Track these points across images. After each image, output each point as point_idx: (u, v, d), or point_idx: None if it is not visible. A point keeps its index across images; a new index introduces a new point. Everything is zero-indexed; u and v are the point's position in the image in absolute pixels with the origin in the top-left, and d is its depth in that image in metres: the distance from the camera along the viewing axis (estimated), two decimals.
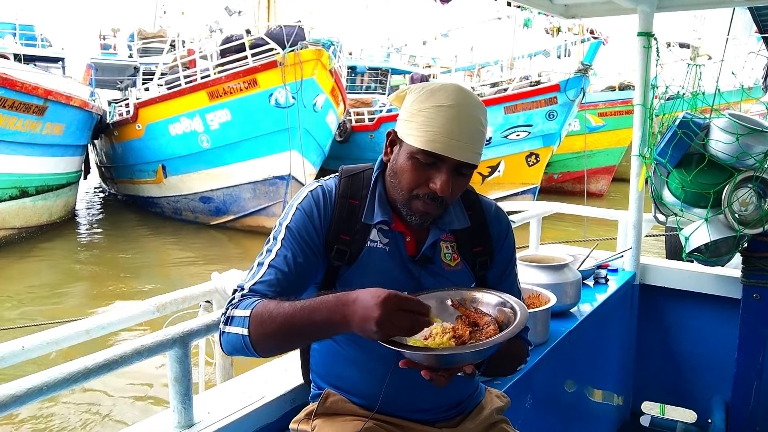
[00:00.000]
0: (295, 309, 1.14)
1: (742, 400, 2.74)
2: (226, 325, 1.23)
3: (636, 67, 2.91)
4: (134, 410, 5.33)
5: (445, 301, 1.26)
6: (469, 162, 1.25)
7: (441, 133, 1.22)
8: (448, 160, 1.23)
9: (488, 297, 1.27)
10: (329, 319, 1.11)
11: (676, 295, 3.03)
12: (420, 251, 1.36)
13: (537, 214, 3.36)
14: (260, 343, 1.19)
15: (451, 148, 1.22)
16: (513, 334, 1.13)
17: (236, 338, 1.20)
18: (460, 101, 1.24)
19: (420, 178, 1.26)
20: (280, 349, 1.25)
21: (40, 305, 8.50)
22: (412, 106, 1.27)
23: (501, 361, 1.37)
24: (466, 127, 1.23)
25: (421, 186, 1.26)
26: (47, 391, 1.15)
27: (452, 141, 1.22)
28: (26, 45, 18.40)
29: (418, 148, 1.24)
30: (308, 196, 1.35)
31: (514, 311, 1.20)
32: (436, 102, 1.24)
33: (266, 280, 1.26)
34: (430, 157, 1.24)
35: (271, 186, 12.96)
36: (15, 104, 11.15)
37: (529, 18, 20.77)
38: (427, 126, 1.23)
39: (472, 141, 1.24)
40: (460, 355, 1.12)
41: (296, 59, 11.82)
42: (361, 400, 1.38)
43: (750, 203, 2.50)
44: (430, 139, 1.22)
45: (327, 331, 1.15)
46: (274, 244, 1.30)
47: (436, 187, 1.24)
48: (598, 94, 19.35)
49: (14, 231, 12.20)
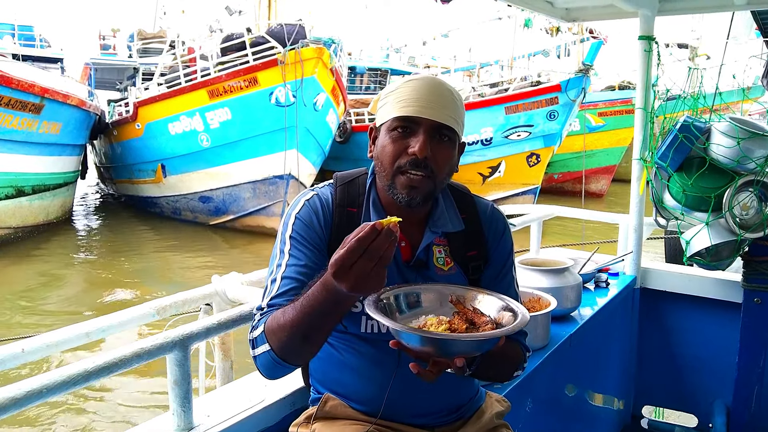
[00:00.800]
0: (296, 311, 1.14)
1: (743, 404, 2.74)
2: (253, 349, 1.24)
3: (637, 70, 2.90)
4: (134, 413, 5.32)
5: (445, 297, 1.24)
6: (444, 122, 1.26)
7: (411, 98, 1.26)
8: (422, 121, 1.25)
9: (490, 299, 1.24)
10: (326, 304, 1.10)
11: (677, 299, 3.02)
12: (414, 256, 1.35)
13: (537, 218, 3.35)
14: (285, 354, 1.20)
15: (423, 110, 1.25)
16: (512, 332, 1.11)
17: (265, 357, 1.22)
18: (429, 76, 1.31)
19: (399, 148, 1.27)
20: (306, 351, 1.24)
21: (35, 307, 8.48)
22: (384, 93, 1.32)
23: (496, 364, 1.35)
24: (436, 92, 1.27)
25: (402, 155, 1.27)
26: (47, 394, 1.14)
27: (423, 103, 1.25)
28: (25, 45, 18.36)
29: (392, 119, 1.27)
30: (305, 205, 1.35)
31: (515, 314, 1.17)
32: (405, 80, 1.31)
33: (282, 292, 1.26)
34: (405, 122, 1.26)
35: (271, 185, 12.93)
36: (11, 102, 11.10)
37: (530, 18, 20.77)
38: (399, 98, 1.27)
39: (444, 104, 1.27)
40: (454, 342, 1.08)
41: (297, 57, 11.80)
42: (360, 406, 1.37)
43: (751, 207, 2.50)
44: (402, 107, 1.26)
45: (334, 314, 1.14)
46: (281, 258, 1.30)
47: (414, 149, 1.24)
48: (598, 94, 19.36)
49: (10, 231, 12.17)
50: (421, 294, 1.25)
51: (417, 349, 1.09)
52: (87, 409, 5.46)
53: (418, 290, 1.25)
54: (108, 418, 5.32)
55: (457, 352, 1.09)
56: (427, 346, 1.07)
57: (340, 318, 1.19)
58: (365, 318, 1.33)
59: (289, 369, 1.25)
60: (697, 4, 2.98)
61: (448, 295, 1.24)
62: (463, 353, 1.10)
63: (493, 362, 1.32)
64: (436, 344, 1.07)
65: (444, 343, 1.08)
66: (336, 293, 1.07)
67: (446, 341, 1.08)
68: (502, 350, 1.37)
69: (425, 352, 1.08)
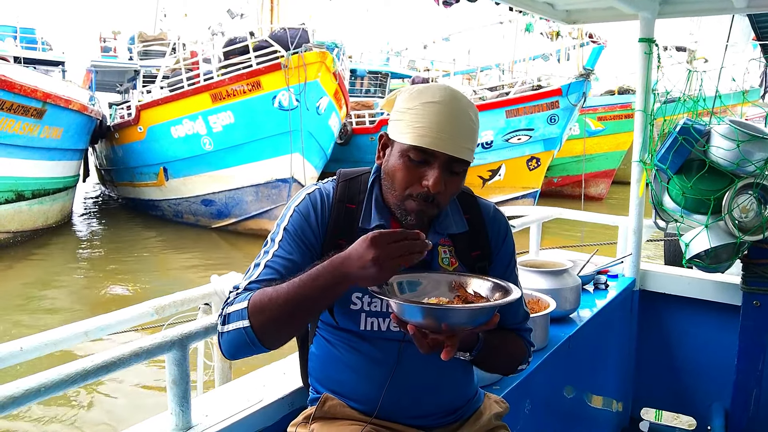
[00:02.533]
0: (293, 285, 1.15)
1: (741, 407, 2.73)
2: (223, 324, 1.22)
3: (637, 72, 2.91)
4: (132, 413, 5.31)
5: (444, 283, 1.26)
6: (460, 157, 1.24)
7: (430, 128, 1.22)
8: (439, 155, 1.23)
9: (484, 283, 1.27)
10: (330, 280, 1.12)
11: (676, 301, 3.02)
12: None
13: (537, 219, 3.35)
14: (264, 331, 1.18)
15: (441, 143, 1.22)
16: (507, 303, 1.15)
17: (237, 334, 1.20)
18: (449, 98, 1.24)
19: (412, 177, 1.25)
20: (285, 331, 1.22)
21: (35, 310, 8.47)
22: (402, 106, 1.27)
23: (498, 353, 1.37)
24: (455, 122, 1.23)
25: (414, 185, 1.25)
26: (44, 393, 1.14)
27: (442, 135, 1.22)
28: (26, 48, 18.36)
29: (408, 145, 1.24)
30: (306, 198, 1.35)
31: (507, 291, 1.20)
32: (424, 99, 1.24)
33: (262, 279, 1.26)
34: (421, 153, 1.23)
35: (274, 189, 12.94)
36: (13, 107, 11.10)
37: (531, 23, 20.81)
38: (417, 122, 1.23)
39: (462, 136, 1.24)
40: (452, 312, 1.12)
41: (300, 61, 11.83)
42: (359, 405, 1.37)
43: (750, 210, 2.50)
44: (420, 135, 1.22)
45: (331, 293, 1.15)
46: (271, 246, 1.31)
47: (428, 183, 1.23)
48: (598, 98, 19.39)
49: (9, 235, 12.16)
50: (422, 280, 1.27)
51: (415, 323, 1.12)
52: (85, 408, 5.45)
53: (419, 278, 1.27)
54: (106, 417, 5.32)
55: (453, 324, 1.12)
56: (428, 317, 1.10)
57: (331, 301, 1.20)
58: (364, 315, 1.33)
59: (254, 352, 1.23)
60: (697, 7, 2.98)
61: (447, 281, 1.27)
62: (458, 324, 1.12)
63: (495, 351, 1.34)
64: (432, 314, 1.10)
65: (443, 313, 1.11)
66: (341, 273, 1.10)
67: (445, 311, 1.11)
68: (503, 340, 1.38)
69: (423, 324, 1.11)
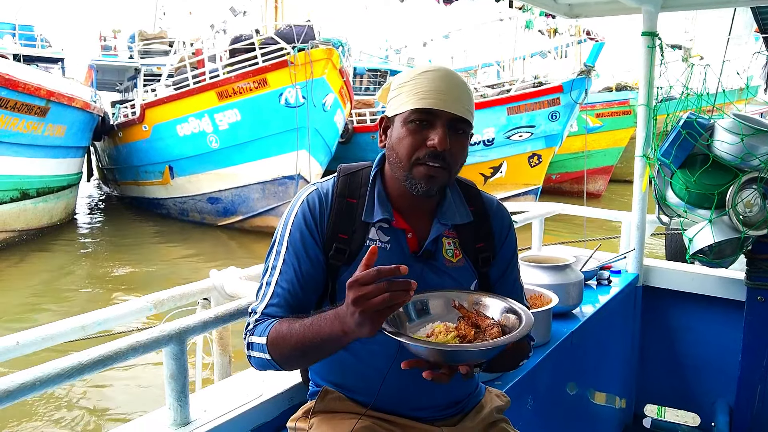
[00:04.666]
0: (303, 329, 1.18)
1: (745, 403, 2.71)
2: (249, 350, 1.29)
3: (640, 66, 2.89)
4: (131, 407, 5.30)
5: (448, 302, 1.25)
6: (461, 116, 1.27)
7: (430, 90, 1.26)
8: (442, 114, 1.25)
9: (493, 302, 1.26)
10: (332, 333, 1.13)
11: (680, 297, 3.00)
12: (422, 247, 1.35)
13: (539, 215, 3.33)
14: (285, 364, 1.26)
15: (442, 103, 1.25)
16: (519, 338, 1.13)
17: (263, 361, 1.27)
18: (442, 67, 1.31)
19: (417, 140, 1.27)
20: (306, 364, 1.34)
21: (41, 308, 8.48)
22: (397, 84, 1.32)
23: (505, 360, 1.36)
24: (453, 84, 1.28)
25: (420, 147, 1.27)
26: (40, 387, 1.13)
27: (442, 96, 1.26)
28: (25, 45, 18.34)
29: (410, 111, 1.26)
30: (304, 202, 1.35)
31: (519, 318, 1.19)
32: (419, 71, 1.30)
33: (275, 303, 1.30)
34: (424, 114, 1.26)
35: (280, 186, 12.94)
36: (17, 105, 11.11)
37: (531, 19, 20.78)
38: (416, 90, 1.27)
39: (461, 98, 1.28)
40: (465, 353, 1.11)
41: (307, 58, 11.83)
42: (359, 397, 1.37)
43: (755, 204, 2.48)
44: (421, 98, 1.26)
45: (336, 343, 1.16)
46: (276, 260, 1.32)
47: (434, 142, 1.25)
48: (596, 95, 19.39)
49: (14, 233, 12.18)
50: (428, 301, 1.26)
51: (431, 360, 1.11)
52: (82, 403, 5.44)
53: (426, 297, 1.26)
54: (103, 412, 5.32)
55: (466, 360, 1.11)
56: (437, 356, 1.10)
57: (343, 347, 1.21)
58: None
59: (284, 371, 1.30)
60: (700, 0, 2.96)
61: (450, 300, 1.25)
62: (471, 361, 1.12)
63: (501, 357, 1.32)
64: (448, 355, 1.11)
65: (456, 354, 1.11)
66: (339, 327, 1.11)
67: (458, 352, 1.11)
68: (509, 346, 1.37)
69: (435, 361, 1.11)
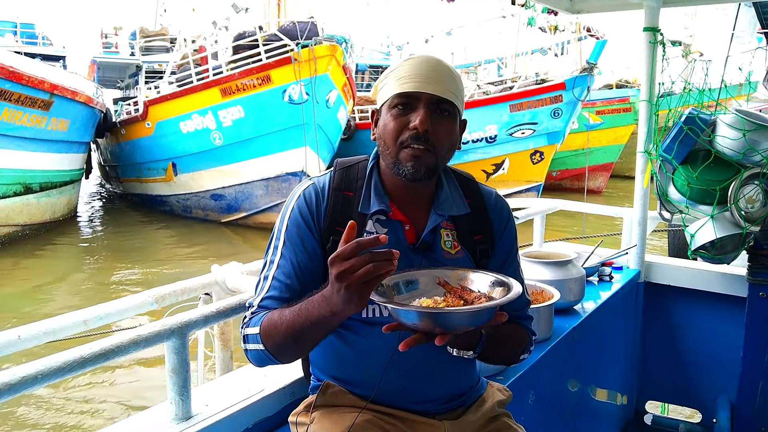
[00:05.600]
0: (293, 315, 1.18)
1: (747, 399, 2.71)
2: (245, 343, 1.29)
3: (641, 62, 2.88)
4: (132, 402, 5.32)
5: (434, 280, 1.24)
6: (443, 96, 1.28)
7: (411, 75, 1.28)
8: (422, 96, 1.27)
9: (480, 276, 1.25)
10: (320, 315, 1.13)
11: (681, 293, 3.00)
12: (420, 239, 1.35)
13: (541, 211, 3.33)
14: (278, 354, 1.25)
15: (423, 85, 1.27)
16: (504, 302, 1.11)
17: (258, 354, 1.27)
18: (428, 55, 1.34)
19: (400, 124, 1.29)
20: (299, 352, 1.32)
21: (45, 303, 8.50)
22: (384, 74, 1.35)
23: (502, 347, 1.36)
24: (435, 68, 1.29)
25: (403, 131, 1.29)
26: (42, 380, 1.13)
27: (422, 78, 1.27)
28: (27, 43, 18.37)
29: (392, 96, 1.29)
30: (300, 196, 1.35)
31: (508, 288, 1.18)
32: (404, 59, 1.34)
33: (272, 295, 1.30)
34: (405, 98, 1.28)
35: (284, 183, 12.94)
36: (21, 98, 11.10)
37: (533, 16, 20.75)
38: (398, 76, 1.30)
39: (442, 80, 1.29)
40: (455, 315, 1.10)
41: (311, 55, 11.82)
42: (361, 391, 1.37)
43: (756, 200, 2.48)
44: (402, 83, 1.28)
45: (327, 325, 1.17)
46: (274, 254, 1.33)
47: (415, 123, 1.26)
48: (596, 93, 19.38)
49: (18, 228, 12.20)
50: (417, 279, 1.26)
51: (415, 327, 1.11)
52: (84, 397, 5.46)
53: (414, 276, 1.26)
54: (105, 406, 5.33)
55: (455, 325, 1.11)
56: (424, 321, 1.09)
57: (333, 329, 1.22)
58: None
59: (279, 364, 1.30)
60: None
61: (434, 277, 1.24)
62: (458, 326, 1.11)
63: (499, 345, 1.33)
64: (431, 318, 1.09)
65: (445, 317, 1.09)
66: (327, 306, 1.10)
67: (447, 315, 1.10)
68: (506, 332, 1.37)
69: (423, 329, 1.10)
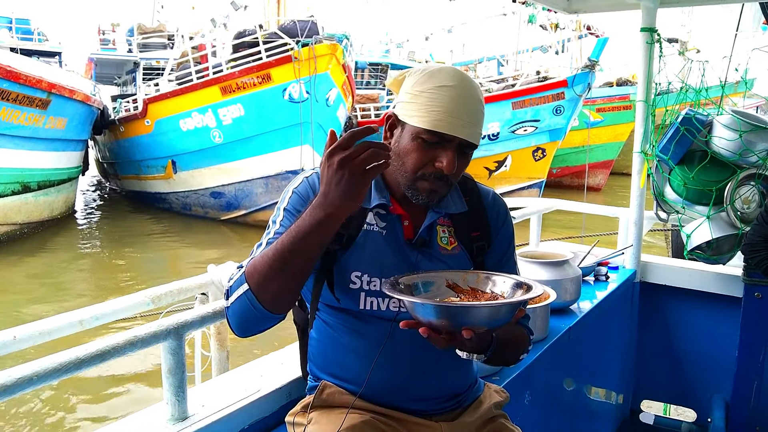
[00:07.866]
0: (282, 238, 1.14)
1: (742, 399, 2.72)
2: (228, 298, 1.22)
3: (639, 62, 2.88)
4: (129, 402, 5.33)
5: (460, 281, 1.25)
6: (472, 141, 1.27)
7: (445, 112, 1.24)
8: (453, 138, 1.25)
9: (498, 278, 1.25)
10: (314, 221, 1.09)
11: (677, 293, 3.01)
12: (417, 235, 1.36)
13: (537, 211, 3.34)
14: (262, 290, 1.16)
15: (456, 127, 1.24)
16: (531, 297, 1.12)
17: (240, 302, 1.19)
18: (461, 82, 1.27)
19: (425, 158, 1.27)
20: (283, 285, 1.18)
21: (43, 302, 8.50)
22: (413, 88, 1.28)
23: (509, 348, 1.36)
24: (468, 106, 1.26)
25: (427, 165, 1.27)
26: (37, 381, 1.13)
27: (456, 120, 1.24)
28: (22, 39, 18.32)
29: (422, 128, 1.25)
30: (304, 181, 1.36)
31: (527, 288, 1.17)
32: (437, 83, 1.26)
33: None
34: (436, 136, 1.25)
35: (284, 180, 12.96)
36: (19, 97, 11.12)
37: (534, 14, 20.78)
38: (431, 106, 1.25)
39: (474, 120, 1.27)
40: (475, 310, 1.08)
41: (311, 54, 11.84)
42: (358, 389, 1.35)
43: (752, 201, 2.49)
44: (435, 119, 1.24)
45: (320, 235, 1.12)
46: (272, 227, 1.31)
47: (442, 165, 1.25)
48: (596, 90, 19.41)
49: (16, 226, 12.21)
50: (435, 281, 1.26)
51: (432, 323, 1.09)
52: (79, 398, 5.47)
53: (433, 278, 1.26)
54: (100, 407, 5.34)
55: (473, 321, 1.09)
56: (442, 317, 1.07)
57: (321, 246, 1.16)
58: (363, 294, 1.33)
59: (262, 323, 1.22)
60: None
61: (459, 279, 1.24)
62: (476, 323, 1.09)
63: (507, 346, 1.32)
64: (450, 314, 1.07)
65: (465, 311, 1.08)
66: (320, 205, 1.07)
67: (467, 309, 1.08)
68: (512, 333, 1.37)
69: (440, 325, 1.09)
